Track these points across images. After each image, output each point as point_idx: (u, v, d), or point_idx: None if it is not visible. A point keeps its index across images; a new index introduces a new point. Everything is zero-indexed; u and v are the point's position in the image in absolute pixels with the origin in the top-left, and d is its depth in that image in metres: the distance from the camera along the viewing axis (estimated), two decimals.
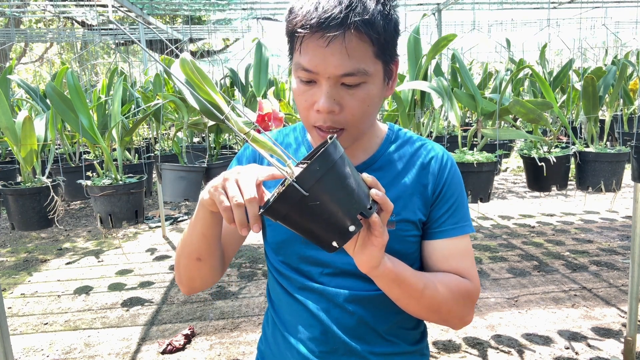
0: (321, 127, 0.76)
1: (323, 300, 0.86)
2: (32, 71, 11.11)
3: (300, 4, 0.73)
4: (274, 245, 0.90)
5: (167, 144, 3.32)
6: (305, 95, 0.76)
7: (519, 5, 4.73)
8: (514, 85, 2.78)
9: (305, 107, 0.77)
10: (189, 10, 4.72)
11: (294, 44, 0.75)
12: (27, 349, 2.63)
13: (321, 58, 0.72)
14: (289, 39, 0.77)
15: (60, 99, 2.05)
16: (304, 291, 0.87)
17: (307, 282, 0.86)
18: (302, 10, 0.71)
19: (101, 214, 1.97)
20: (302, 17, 0.71)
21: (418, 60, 2.20)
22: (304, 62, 0.73)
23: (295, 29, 0.72)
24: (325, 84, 0.73)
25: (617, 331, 2.61)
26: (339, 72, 0.72)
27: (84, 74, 4.85)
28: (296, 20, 0.72)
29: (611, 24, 6.27)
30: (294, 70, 0.77)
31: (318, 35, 0.71)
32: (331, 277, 0.86)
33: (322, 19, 0.69)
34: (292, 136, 0.95)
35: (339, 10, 0.69)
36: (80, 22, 7.02)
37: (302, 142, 0.93)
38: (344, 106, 0.75)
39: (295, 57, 0.76)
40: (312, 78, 0.74)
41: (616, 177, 2.12)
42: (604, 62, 3.93)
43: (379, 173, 0.86)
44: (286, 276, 0.89)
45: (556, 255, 3.77)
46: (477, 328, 2.69)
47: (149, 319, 2.93)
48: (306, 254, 0.86)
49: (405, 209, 0.85)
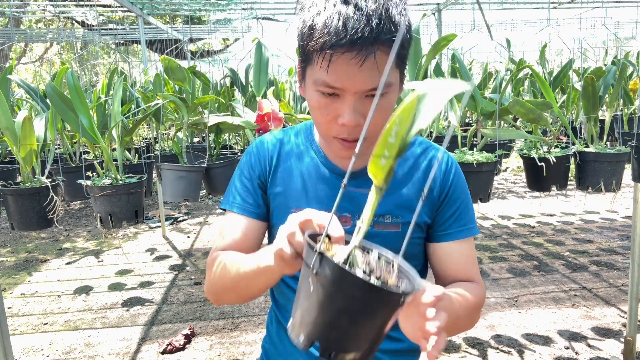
0: (346, 139, 0.77)
1: None
2: (32, 71, 11.11)
3: (321, 20, 0.69)
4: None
5: (167, 144, 3.32)
6: (327, 108, 0.75)
7: (519, 5, 4.74)
8: (513, 85, 2.78)
9: (327, 120, 0.76)
10: (189, 10, 4.72)
11: (314, 59, 0.73)
12: (27, 349, 2.63)
13: (350, 76, 0.70)
14: (306, 54, 0.75)
15: (60, 99, 2.05)
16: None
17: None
18: (328, 28, 0.68)
19: (101, 214, 1.97)
20: (329, 35, 0.68)
21: (418, 60, 2.20)
22: (331, 80, 0.71)
23: (321, 47, 0.69)
24: (351, 99, 0.73)
25: (617, 331, 2.61)
26: (368, 87, 0.72)
27: (84, 74, 4.85)
28: (322, 38, 0.69)
29: (611, 24, 6.27)
30: (313, 84, 0.75)
31: (348, 55, 0.69)
32: None
33: (353, 39, 0.67)
34: (295, 141, 0.94)
35: (369, 29, 0.67)
36: (80, 22, 7.02)
37: (308, 148, 0.92)
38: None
39: (316, 72, 0.73)
40: (335, 92, 0.73)
41: (616, 177, 2.11)
42: (604, 62, 3.93)
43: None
44: (292, 275, 0.89)
45: (556, 255, 3.77)
46: (477, 328, 2.69)
47: (149, 319, 2.93)
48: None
49: (411, 212, 0.86)
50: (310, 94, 0.77)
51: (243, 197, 0.90)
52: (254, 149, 0.95)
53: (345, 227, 0.84)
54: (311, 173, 0.89)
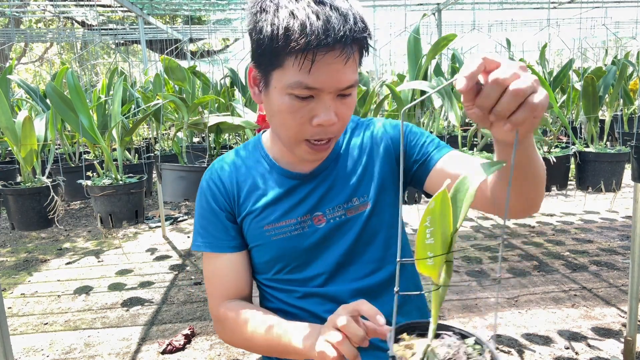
0: (320, 140, 0.77)
1: (328, 302, 0.87)
2: (32, 71, 11.12)
3: (298, 21, 0.68)
4: (263, 265, 0.90)
5: (167, 144, 3.32)
6: (300, 111, 0.74)
7: (519, 5, 4.74)
8: None
9: (299, 124, 0.76)
10: (189, 10, 4.72)
11: (288, 62, 0.71)
12: (27, 349, 2.63)
13: (332, 75, 0.71)
14: (276, 58, 0.72)
15: (60, 99, 2.05)
16: (306, 299, 0.87)
17: (308, 290, 0.87)
18: (310, 28, 0.68)
19: (101, 214, 1.97)
20: (312, 35, 0.68)
21: (418, 60, 2.20)
22: (311, 81, 0.71)
23: (303, 48, 0.68)
24: (327, 98, 0.74)
25: (617, 331, 2.61)
26: (346, 85, 0.73)
27: (84, 74, 4.85)
28: (303, 39, 0.68)
29: (611, 24, 6.27)
30: (286, 88, 0.73)
31: (332, 54, 0.70)
32: (332, 279, 0.87)
33: (337, 38, 0.68)
34: (247, 157, 0.93)
35: (349, 28, 0.69)
36: (80, 22, 7.02)
37: (260, 160, 0.92)
38: (339, 115, 0.76)
39: (292, 75, 0.72)
40: (312, 94, 0.73)
41: (616, 177, 2.12)
42: (604, 62, 3.93)
43: (340, 163, 0.89)
44: (282, 290, 0.89)
45: (556, 255, 3.77)
46: (477, 328, 2.69)
47: (149, 319, 2.93)
48: (302, 262, 0.87)
49: (369, 183, 0.89)
50: (279, 99, 0.75)
51: (215, 235, 0.89)
52: (210, 186, 0.91)
53: (320, 225, 0.86)
54: (269, 184, 0.89)
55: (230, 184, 0.90)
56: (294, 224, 0.86)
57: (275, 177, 0.88)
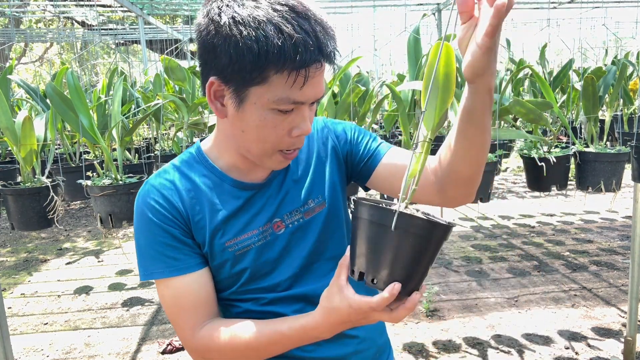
0: (296, 149, 0.79)
1: (295, 303, 0.86)
2: (32, 71, 11.11)
3: (289, 40, 0.66)
4: (227, 281, 0.85)
5: (167, 144, 3.32)
6: (282, 124, 0.74)
7: (519, 5, 4.74)
8: (514, 85, 2.78)
9: (279, 136, 0.75)
10: (189, 10, 4.73)
11: (275, 79, 0.69)
12: (27, 349, 2.63)
13: (314, 88, 0.72)
14: (259, 75, 0.69)
15: (61, 99, 2.05)
16: (273, 304, 0.86)
17: (275, 295, 0.86)
18: (304, 46, 0.67)
19: (101, 214, 1.98)
20: (307, 53, 0.67)
21: (418, 60, 2.20)
22: (299, 96, 0.71)
23: (298, 65, 0.68)
24: (306, 109, 0.75)
25: (617, 331, 2.61)
26: (321, 95, 0.75)
27: (84, 74, 4.85)
28: (300, 57, 0.67)
29: (611, 24, 6.26)
30: (269, 104, 0.71)
31: (319, 68, 0.71)
32: (297, 280, 0.87)
33: (326, 52, 0.70)
34: (190, 175, 0.84)
35: (333, 42, 0.71)
36: (80, 22, 7.02)
37: (208, 174, 0.84)
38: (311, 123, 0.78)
39: (279, 91, 0.70)
40: (294, 107, 0.73)
41: (616, 177, 2.12)
42: (604, 62, 3.93)
43: (291, 168, 0.89)
44: (248, 299, 0.86)
45: (556, 255, 3.77)
46: (477, 328, 2.69)
47: (149, 319, 2.93)
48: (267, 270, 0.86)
49: (322, 184, 0.90)
50: (259, 114, 0.72)
51: (174, 257, 0.80)
52: (154, 207, 0.80)
53: (280, 231, 0.85)
54: (223, 198, 0.83)
55: (178, 203, 0.81)
56: (256, 235, 0.83)
57: (228, 190, 0.84)
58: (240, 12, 0.68)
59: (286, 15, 0.67)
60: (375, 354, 0.93)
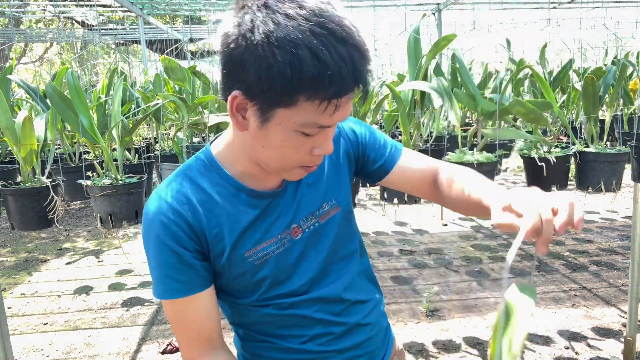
0: (316, 165, 0.77)
1: (315, 304, 0.88)
2: (32, 71, 11.11)
3: (324, 69, 0.63)
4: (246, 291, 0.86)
5: (167, 144, 3.33)
6: (305, 145, 0.72)
7: (519, 5, 4.74)
8: (514, 85, 2.78)
9: (301, 155, 0.74)
10: (189, 10, 4.73)
11: (303, 102, 0.66)
12: (27, 349, 2.63)
13: (343, 113, 0.70)
14: (288, 98, 0.65)
15: (61, 99, 2.05)
16: (293, 308, 0.87)
17: (294, 299, 0.87)
18: (337, 78, 0.64)
19: (101, 214, 1.98)
20: (342, 82, 0.64)
21: (418, 60, 2.20)
22: (327, 121, 0.69)
23: (332, 95, 0.65)
24: (330, 130, 0.73)
25: (617, 331, 2.61)
26: (348, 115, 0.74)
27: (84, 74, 4.85)
28: (331, 89, 0.64)
29: (611, 24, 6.27)
30: (296, 126, 0.69)
31: (351, 94, 0.69)
32: (316, 283, 0.88)
33: (362, 79, 0.67)
34: (203, 180, 0.81)
35: (368, 66, 0.68)
36: (80, 22, 7.02)
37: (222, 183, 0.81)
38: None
39: (308, 116, 0.67)
40: (319, 130, 0.71)
41: (616, 177, 2.12)
42: (604, 62, 3.93)
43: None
44: (268, 305, 0.87)
45: (556, 255, 3.77)
46: (477, 328, 2.69)
47: (149, 319, 2.93)
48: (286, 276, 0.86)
49: (337, 187, 0.90)
50: (283, 135, 0.70)
51: (183, 280, 0.80)
52: (168, 225, 0.77)
53: (297, 237, 0.85)
54: (240, 209, 0.81)
55: (191, 219, 0.78)
56: (275, 242, 0.83)
57: (245, 199, 0.81)
58: (276, 31, 0.63)
59: (324, 40, 0.62)
60: (384, 337, 0.99)
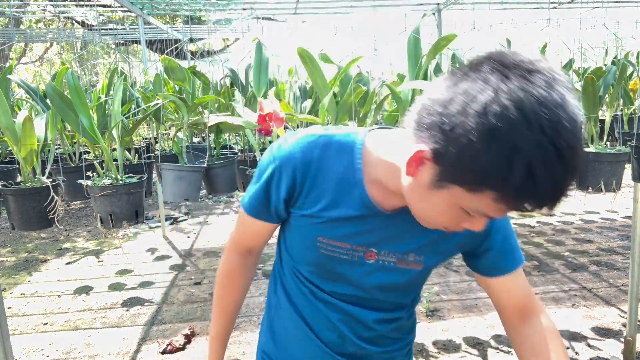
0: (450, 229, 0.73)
1: (346, 316, 0.89)
2: (32, 71, 11.11)
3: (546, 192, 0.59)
4: (299, 260, 0.90)
5: (167, 144, 3.33)
6: (460, 219, 0.70)
7: (519, 5, 4.74)
8: None
9: (451, 223, 0.71)
10: (189, 10, 4.72)
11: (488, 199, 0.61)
12: (27, 349, 2.63)
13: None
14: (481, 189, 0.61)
15: (61, 99, 2.05)
16: (326, 304, 0.89)
17: (331, 299, 0.89)
18: (546, 199, 0.60)
19: (101, 213, 1.98)
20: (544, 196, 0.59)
21: (418, 60, 2.20)
22: (497, 215, 0.66)
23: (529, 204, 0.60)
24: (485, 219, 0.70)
25: (617, 331, 2.61)
26: None
27: (84, 74, 4.85)
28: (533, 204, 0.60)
29: (611, 24, 6.26)
30: (465, 206, 0.66)
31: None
32: (357, 302, 0.89)
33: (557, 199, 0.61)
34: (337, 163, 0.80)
35: (571, 183, 0.62)
36: (80, 22, 7.02)
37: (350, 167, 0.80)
38: None
39: (483, 207, 0.64)
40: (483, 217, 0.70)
41: (616, 177, 2.12)
42: (604, 62, 3.93)
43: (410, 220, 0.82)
44: (306, 285, 0.90)
45: (556, 255, 3.77)
46: (477, 328, 2.69)
47: (149, 319, 2.93)
48: (336, 278, 0.87)
49: (434, 254, 0.86)
50: (447, 205, 0.67)
51: (258, 208, 0.87)
52: (283, 171, 0.81)
53: (369, 261, 0.84)
54: (347, 201, 0.80)
55: (302, 179, 0.80)
56: (347, 249, 0.83)
57: (355, 197, 0.80)
58: (502, 127, 0.56)
59: (547, 158, 0.56)
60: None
